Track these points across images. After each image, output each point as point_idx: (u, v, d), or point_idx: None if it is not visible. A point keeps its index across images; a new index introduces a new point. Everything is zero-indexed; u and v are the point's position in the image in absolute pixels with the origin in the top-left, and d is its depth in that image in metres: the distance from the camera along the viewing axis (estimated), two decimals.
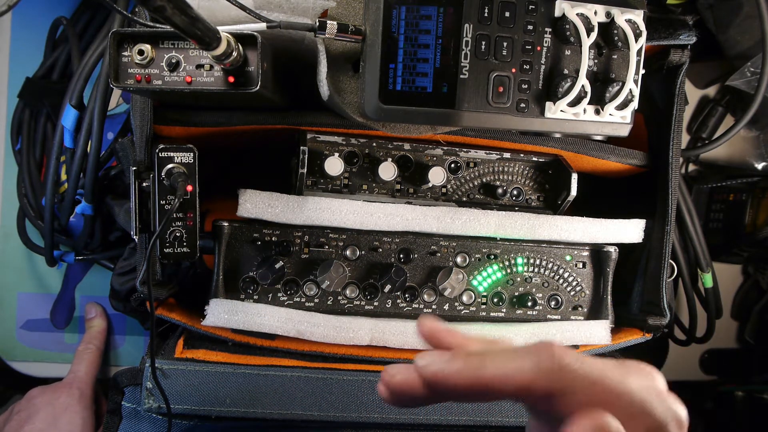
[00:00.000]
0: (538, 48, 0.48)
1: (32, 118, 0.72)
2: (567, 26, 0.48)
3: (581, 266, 0.60)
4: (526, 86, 0.49)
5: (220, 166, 0.68)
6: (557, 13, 0.48)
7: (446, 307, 0.58)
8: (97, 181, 0.63)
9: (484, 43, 0.47)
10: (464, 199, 0.60)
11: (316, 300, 0.56)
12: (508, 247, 0.59)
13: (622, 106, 0.50)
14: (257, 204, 0.53)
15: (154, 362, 0.43)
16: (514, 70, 0.48)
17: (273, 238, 0.55)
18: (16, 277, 0.77)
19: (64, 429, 0.62)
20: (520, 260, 0.59)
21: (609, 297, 0.60)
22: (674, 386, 0.62)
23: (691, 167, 0.82)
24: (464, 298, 0.59)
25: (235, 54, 0.42)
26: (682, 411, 0.30)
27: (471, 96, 0.48)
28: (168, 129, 0.53)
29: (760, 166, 0.76)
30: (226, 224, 0.54)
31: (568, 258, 0.60)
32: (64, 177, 0.66)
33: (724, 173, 0.79)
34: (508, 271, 0.59)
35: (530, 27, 0.48)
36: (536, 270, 0.60)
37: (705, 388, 0.84)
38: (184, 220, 0.50)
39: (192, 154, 0.50)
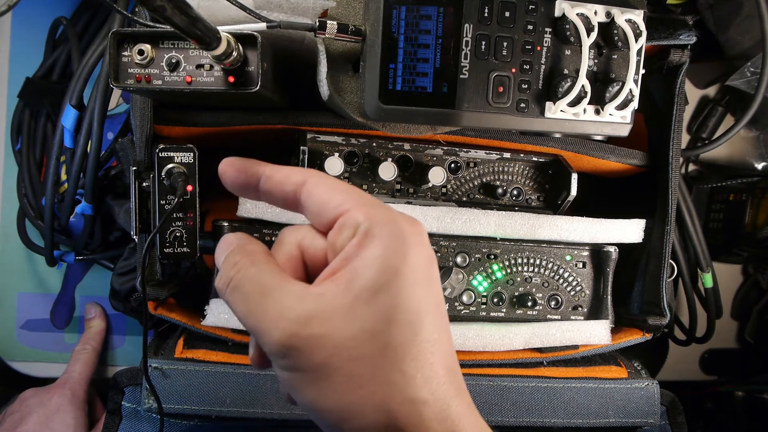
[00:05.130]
0: (538, 48, 0.48)
1: (32, 118, 0.72)
2: (567, 26, 0.48)
3: (581, 266, 0.60)
4: (526, 86, 0.49)
5: None
6: (557, 13, 0.48)
7: (446, 307, 0.58)
8: (97, 181, 0.63)
9: (484, 43, 0.47)
10: (464, 199, 0.60)
11: None
12: (508, 247, 0.59)
13: (622, 106, 0.50)
14: (257, 204, 0.53)
15: (146, 362, 0.43)
16: (514, 70, 0.48)
17: (273, 239, 0.55)
18: (16, 277, 0.77)
19: (56, 429, 0.62)
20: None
21: (609, 297, 0.60)
22: (674, 386, 0.62)
23: (691, 167, 0.82)
24: (464, 298, 0.59)
25: (235, 54, 0.42)
26: None
27: (471, 96, 0.48)
28: (168, 129, 0.53)
29: (760, 166, 0.76)
30: (226, 224, 0.54)
31: (568, 258, 0.60)
32: (64, 177, 0.66)
33: (724, 173, 0.79)
34: (508, 271, 0.59)
35: (530, 27, 0.48)
36: (536, 270, 0.60)
37: (705, 388, 0.84)
38: (184, 220, 0.50)
39: (192, 154, 0.50)
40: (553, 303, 0.60)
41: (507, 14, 0.47)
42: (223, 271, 0.32)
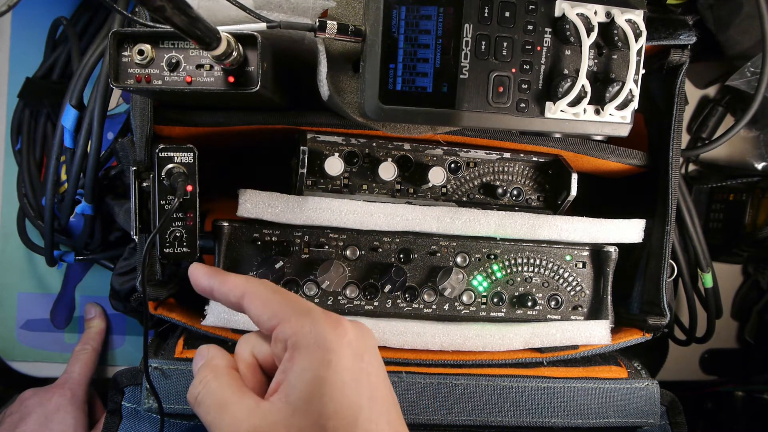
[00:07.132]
0: (538, 48, 0.48)
1: (32, 118, 0.72)
2: (567, 26, 0.48)
3: (581, 266, 0.60)
4: (526, 86, 0.49)
5: (220, 166, 0.68)
6: (557, 13, 0.48)
7: (446, 307, 0.58)
8: (97, 181, 0.63)
9: (484, 43, 0.47)
10: (464, 199, 0.60)
11: (316, 300, 0.56)
12: (508, 247, 0.59)
13: (622, 106, 0.50)
14: (257, 204, 0.53)
15: (146, 362, 0.44)
16: (514, 70, 0.48)
17: (273, 238, 0.55)
18: (16, 277, 0.77)
19: (55, 429, 0.62)
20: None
21: (609, 297, 0.60)
22: (674, 386, 0.62)
23: (691, 167, 0.82)
24: (464, 298, 0.59)
25: (235, 54, 0.42)
26: None
27: (471, 96, 0.48)
28: (168, 129, 0.53)
29: (760, 166, 0.76)
30: (226, 224, 0.54)
31: (568, 258, 0.60)
32: (64, 177, 0.66)
33: (724, 173, 0.79)
34: (508, 271, 0.59)
35: (530, 27, 0.48)
36: (536, 270, 0.60)
37: (705, 388, 0.84)
38: (184, 220, 0.50)
39: (192, 154, 0.49)
40: (553, 303, 0.60)
41: (507, 14, 0.47)
42: (192, 385, 0.37)
